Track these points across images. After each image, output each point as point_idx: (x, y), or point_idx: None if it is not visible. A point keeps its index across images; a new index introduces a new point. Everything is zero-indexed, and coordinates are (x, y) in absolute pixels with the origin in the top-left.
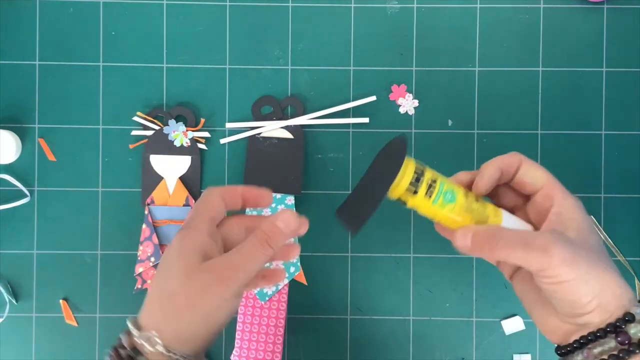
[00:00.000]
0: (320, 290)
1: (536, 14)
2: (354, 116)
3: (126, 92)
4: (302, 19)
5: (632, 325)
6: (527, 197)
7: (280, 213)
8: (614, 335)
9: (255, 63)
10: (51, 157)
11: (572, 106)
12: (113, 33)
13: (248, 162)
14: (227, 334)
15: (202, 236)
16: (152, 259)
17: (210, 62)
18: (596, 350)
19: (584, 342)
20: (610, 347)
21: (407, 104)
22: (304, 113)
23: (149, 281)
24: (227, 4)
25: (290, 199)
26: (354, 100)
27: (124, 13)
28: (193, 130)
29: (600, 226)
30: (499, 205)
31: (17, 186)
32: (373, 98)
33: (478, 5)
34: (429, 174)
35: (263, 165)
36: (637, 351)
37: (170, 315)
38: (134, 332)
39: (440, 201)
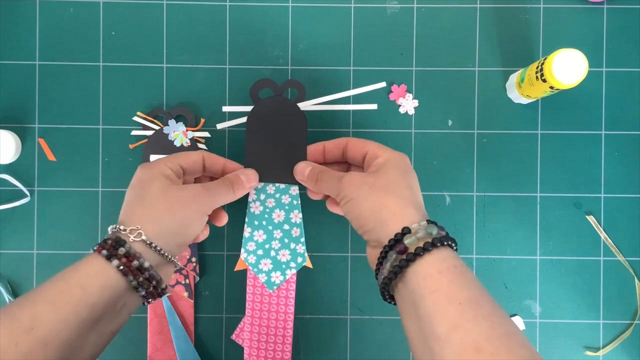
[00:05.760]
0: (320, 290)
1: (536, 14)
2: (358, 111)
3: (126, 92)
4: (302, 19)
5: (407, 236)
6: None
7: (245, 169)
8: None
9: (255, 63)
10: (51, 157)
11: (572, 106)
12: (113, 33)
13: (248, 152)
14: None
15: (166, 170)
16: None
17: (210, 62)
18: (387, 266)
19: (380, 262)
20: (393, 259)
21: (407, 104)
22: (305, 97)
23: None
24: (227, 4)
25: (295, 189)
26: (354, 102)
27: (124, 13)
28: (193, 130)
29: (600, 226)
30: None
31: (17, 186)
32: (383, 84)
33: (478, 5)
34: None
35: (264, 155)
36: (413, 259)
37: (152, 216)
38: (121, 226)
39: None
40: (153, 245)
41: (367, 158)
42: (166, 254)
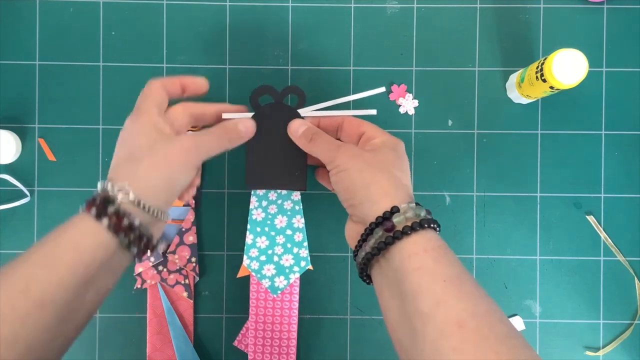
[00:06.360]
0: (320, 290)
1: (536, 14)
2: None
3: (126, 92)
4: (302, 19)
5: (396, 215)
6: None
7: (243, 119)
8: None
9: (255, 63)
10: (51, 157)
11: (572, 106)
12: (113, 33)
13: (249, 159)
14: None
15: (154, 116)
16: (152, 259)
17: (210, 62)
18: (371, 242)
19: (363, 239)
20: (379, 236)
21: (407, 104)
22: (305, 103)
23: (148, 280)
24: (227, 4)
25: (297, 195)
26: (354, 103)
27: (124, 13)
28: (194, 130)
29: (600, 226)
30: None
31: (17, 186)
32: (382, 89)
33: (478, 5)
34: None
35: (265, 162)
36: (400, 237)
37: (138, 172)
38: (109, 184)
39: None
40: (142, 203)
41: (364, 138)
42: (155, 212)
